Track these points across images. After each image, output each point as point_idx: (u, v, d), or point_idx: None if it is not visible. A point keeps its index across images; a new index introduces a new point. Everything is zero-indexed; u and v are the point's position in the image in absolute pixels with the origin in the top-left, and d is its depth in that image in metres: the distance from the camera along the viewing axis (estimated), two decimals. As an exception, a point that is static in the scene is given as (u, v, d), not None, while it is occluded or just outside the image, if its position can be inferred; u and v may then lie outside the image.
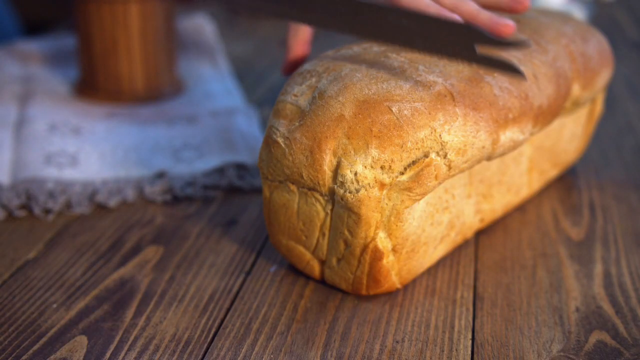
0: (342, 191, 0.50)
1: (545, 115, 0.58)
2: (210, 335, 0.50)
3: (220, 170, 0.71)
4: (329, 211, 0.52)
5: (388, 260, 0.52)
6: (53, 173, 0.68)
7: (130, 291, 0.55)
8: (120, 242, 0.61)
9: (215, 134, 0.78)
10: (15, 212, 0.65)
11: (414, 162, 0.49)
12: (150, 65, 0.86)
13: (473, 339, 0.50)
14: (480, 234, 0.63)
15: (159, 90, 0.88)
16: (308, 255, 0.55)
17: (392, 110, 0.49)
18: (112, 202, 0.67)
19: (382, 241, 0.51)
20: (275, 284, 0.56)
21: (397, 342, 0.50)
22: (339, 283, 0.54)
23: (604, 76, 0.69)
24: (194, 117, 0.83)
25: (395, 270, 0.53)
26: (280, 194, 0.54)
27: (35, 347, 0.48)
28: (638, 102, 0.97)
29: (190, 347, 0.49)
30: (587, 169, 0.77)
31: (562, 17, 0.69)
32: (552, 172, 0.71)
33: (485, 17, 0.55)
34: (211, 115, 0.84)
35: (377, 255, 0.51)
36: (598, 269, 0.59)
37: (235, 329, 0.51)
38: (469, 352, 0.49)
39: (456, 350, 0.49)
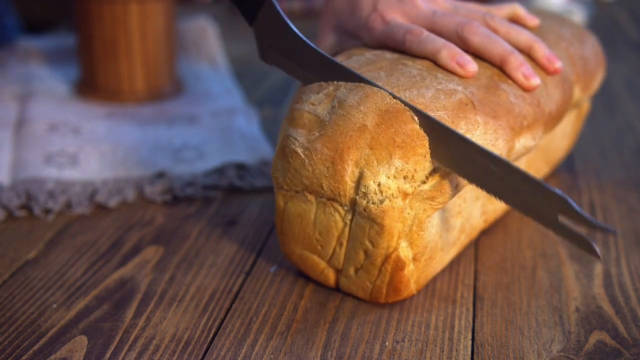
0: (365, 202, 0.49)
1: (554, 121, 0.58)
2: (210, 335, 0.50)
3: (220, 170, 0.71)
4: (348, 221, 0.51)
5: (409, 269, 0.51)
6: (53, 173, 0.68)
7: (130, 291, 0.55)
8: (120, 242, 0.61)
9: (215, 134, 0.78)
10: (15, 212, 0.64)
11: (434, 171, 0.49)
12: (150, 65, 0.86)
13: (473, 339, 0.50)
14: (480, 234, 0.63)
15: (159, 90, 0.88)
16: (323, 264, 0.54)
17: (414, 119, 0.49)
18: (112, 202, 0.67)
19: (404, 250, 0.51)
20: (275, 284, 0.56)
21: (397, 342, 0.50)
22: (356, 292, 0.53)
23: (599, 77, 0.69)
24: (194, 117, 0.83)
25: (414, 278, 0.53)
26: (296, 204, 0.53)
27: (35, 347, 0.48)
28: (638, 102, 0.97)
29: (190, 347, 0.49)
30: (587, 169, 0.77)
31: (558, 19, 0.69)
32: (545, 170, 0.71)
33: (516, 62, 0.55)
34: (211, 115, 0.84)
35: (399, 265, 0.51)
36: (598, 269, 0.59)
37: (235, 329, 0.51)
38: (469, 352, 0.49)
39: (456, 350, 0.49)
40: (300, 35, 0.54)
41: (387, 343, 0.50)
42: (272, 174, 0.53)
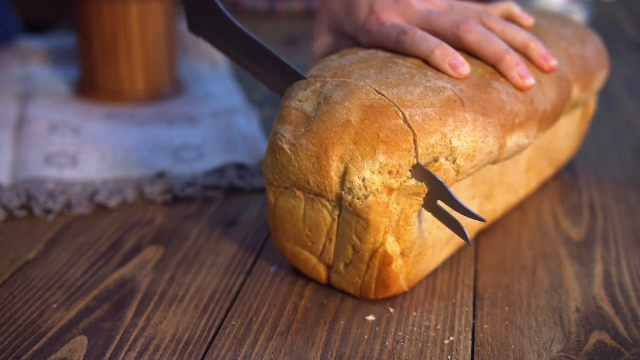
0: (350, 197, 0.49)
1: (549, 119, 0.58)
2: (210, 335, 0.50)
3: (220, 170, 0.71)
4: (335, 217, 0.51)
5: (397, 264, 0.52)
6: (53, 173, 0.68)
7: (130, 291, 0.55)
8: (120, 242, 0.61)
9: (215, 134, 0.78)
10: (15, 212, 0.64)
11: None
12: (150, 65, 0.86)
13: (473, 339, 0.50)
14: (480, 234, 0.63)
15: (159, 91, 0.88)
16: (314, 260, 0.54)
17: (398, 115, 0.49)
18: (112, 202, 0.67)
19: (391, 245, 0.51)
20: (275, 284, 0.56)
21: (397, 342, 0.50)
22: (347, 287, 0.54)
23: (601, 77, 0.69)
24: (194, 117, 0.83)
25: (403, 274, 0.53)
26: (285, 200, 0.53)
27: (35, 347, 0.48)
28: (638, 102, 0.97)
29: (190, 347, 0.49)
30: (587, 169, 0.77)
31: (559, 19, 0.69)
32: (548, 171, 0.71)
33: (511, 61, 0.55)
34: (211, 115, 0.84)
35: (386, 260, 0.51)
36: (598, 269, 0.59)
37: (235, 329, 0.51)
38: (469, 352, 0.49)
39: (456, 350, 0.49)
40: (226, 12, 0.56)
41: (387, 343, 0.50)
42: (263, 171, 0.54)
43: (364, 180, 0.48)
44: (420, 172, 0.49)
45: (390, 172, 0.48)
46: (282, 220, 0.54)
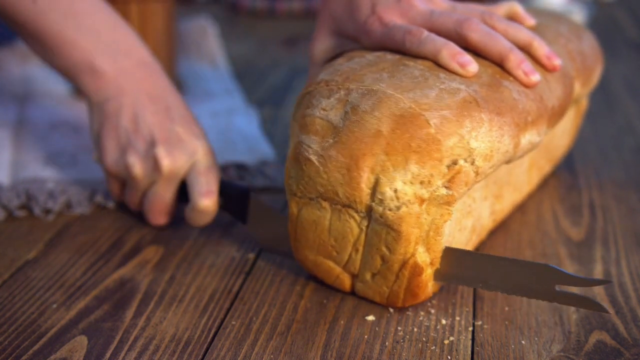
0: (381, 209, 0.49)
1: (557, 116, 0.58)
2: (210, 335, 0.50)
3: (220, 170, 0.71)
4: (364, 227, 0.51)
5: (426, 274, 0.51)
6: (53, 173, 0.69)
7: (130, 291, 0.55)
8: (120, 242, 0.61)
9: (215, 134, 0.78)
10: (15, 212, 0.65)
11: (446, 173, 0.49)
12: (150, 65, 0.86)
13: (473, 339, 0.50)
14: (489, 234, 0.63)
15: (159, 90, 0.88)
16: (338, 269, 0.53)
17: (430, 124, 0.48)
18: (112, 202, 0.67)
19: (421, 256, 0.50)
20: (275, 284, 0.56)
21: (397, 342, 0.50)
22: (372, 296, 0.53)
23: (597, 73, 0.69)
24: (194, 117, 0.83)
25: (431, 282, 0.52)
26: (310, 211, 0.52)
27: (35, 347, 0.48)
28: (638, 102, 0.97)
29: (190, 347, 0.49)
30: (587, 169, 0.77)
31: (554, 17, 0.69)
32: (547, 168, 0.71)
33: (516, 59, 0.55)
34: (211, 115, 0.84)
35: (417, 270, 0.50)
36: (598, 269, 0.59)
37: (235, 329, 0.51)
38: (469, 352, 0.49)
39: (456, 350, 0.49)
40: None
41: (387, 343, 0.50)
42: (285, 181, 0.53)
43: (396, 191, 0.48)
44: (526, 267, 0.50)
45: (422, 183, 0.48)
46: (305, 231, 0.53)
